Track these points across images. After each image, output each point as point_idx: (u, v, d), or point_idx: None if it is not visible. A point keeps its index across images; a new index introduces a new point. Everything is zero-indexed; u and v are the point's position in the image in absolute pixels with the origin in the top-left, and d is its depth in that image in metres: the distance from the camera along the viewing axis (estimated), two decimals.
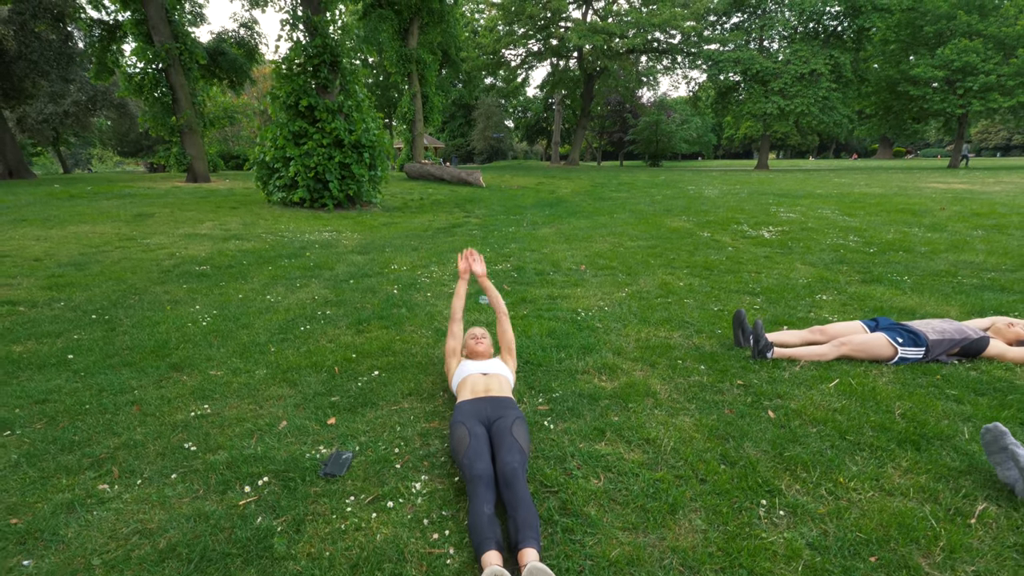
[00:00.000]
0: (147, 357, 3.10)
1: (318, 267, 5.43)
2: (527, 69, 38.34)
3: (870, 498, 1.82)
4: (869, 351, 2.87)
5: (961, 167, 27.22)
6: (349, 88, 10.39)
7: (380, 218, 9.35)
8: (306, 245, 6.61)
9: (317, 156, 9.74)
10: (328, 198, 9.99)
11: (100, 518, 1.76)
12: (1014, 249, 5.76)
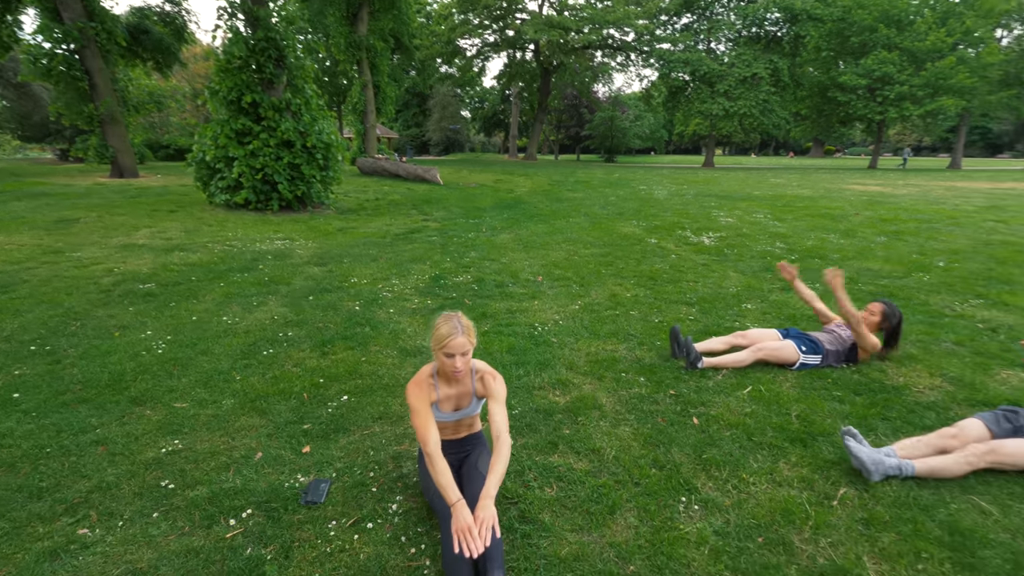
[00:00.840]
0: (103, 392, 3.05)
1: (274, 282, 5.43)
2: (483, 59, 38.29)
3: (764, 490, 2.21)
4: (779, 356, 3.34)
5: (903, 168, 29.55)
6: (297, 84, 10.18)
7: (334, 222, 9.31)
8: (258, 256, 6.56)
9: (264, 156, 9.52)
10: (276, 200, 9.82)
11: (87, 563, 1.83)
12: (906, 256, 6.52)
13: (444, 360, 1.96)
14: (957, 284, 5.35)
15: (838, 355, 3.40)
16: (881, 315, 3.45)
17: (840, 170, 28.54)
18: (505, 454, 1.88)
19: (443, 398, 2.08)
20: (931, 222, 9.14)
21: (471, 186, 15.73)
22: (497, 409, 2.01)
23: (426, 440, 1.90)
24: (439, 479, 1.82)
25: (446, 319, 1.98)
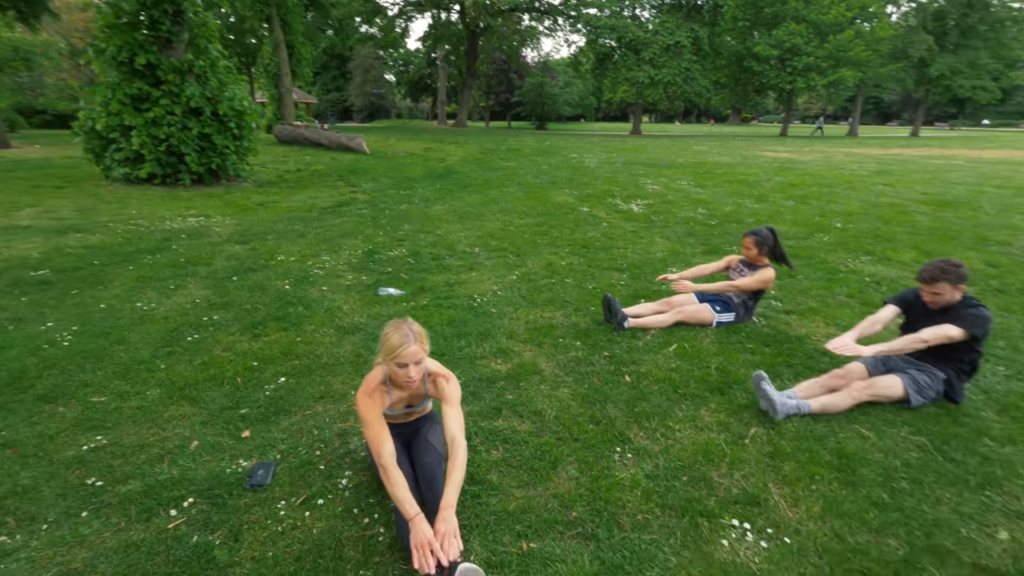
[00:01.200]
0: (3, 391, 2.80)
1: (191, 263, 5.09)
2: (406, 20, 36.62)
3: (688, 435, 2.46)
4: (697, 318, 3.64)
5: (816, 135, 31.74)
6: (199, 44, 9.30)
7: (253, 195, 8.78)
8: (170, 235, 6.10)
9: (169, 126, 8.71)
10: (185, 173, 9.08)
11: (12, 570, 1.73)
12: (810, 219, 7.17)
13: (397, 371, 1.87)
14: (850, 243, 5.98)
15: (746, 304, 3.71)
16: (756, 246, 3.63)
17: (755, 137, 30.32)
18: (462, 461, 1.83)
19: (396, 400, 2.05)
20: (831, 186, 10.02)
21: (400, 155, 15.27)
22: (451, 412, 1.95)
23: (380, 452, 1.82)
24: (394, 492, 1.75)
25: (396, 327, 1.88)
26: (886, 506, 2.05)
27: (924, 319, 2.75)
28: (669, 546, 1.85)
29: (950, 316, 2.65)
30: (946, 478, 2.22)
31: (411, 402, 2.13)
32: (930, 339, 2.59)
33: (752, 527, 1.94)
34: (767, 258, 3.68)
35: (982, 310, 2.64)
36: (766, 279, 3.59)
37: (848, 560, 1.80)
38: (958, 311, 2.66)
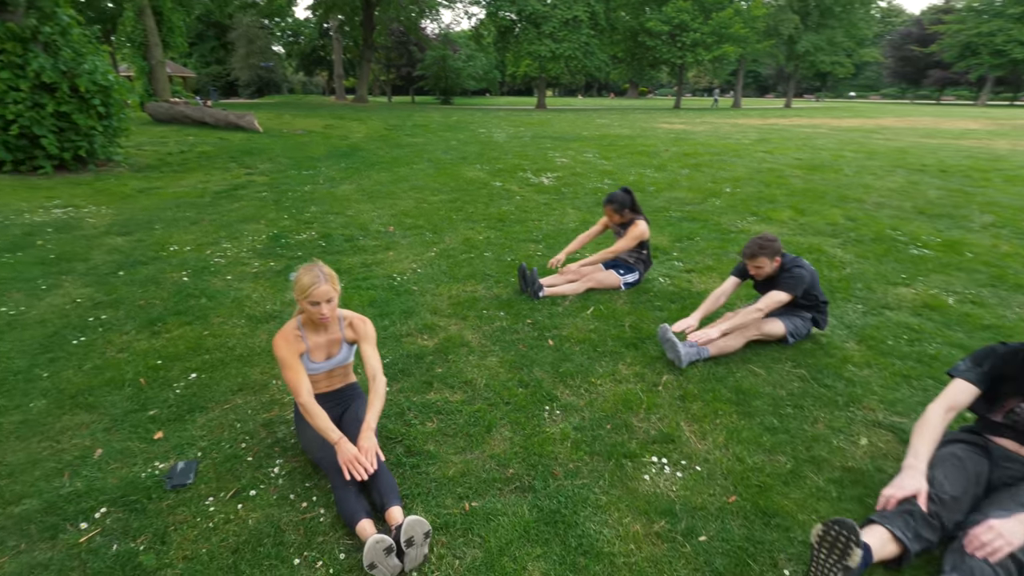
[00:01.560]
0: None
1: (64, 259, 4.52)
2: None
3: (608, 388, 2.66)
4: (606, 283, 3.88)
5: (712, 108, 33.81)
6: (43, 7, 8.03)
7: (131, 181, 7.87)
8: (32, 230, 5.34)
9: (15, 104, 7.51)
10: (44, 159, 7.92)
11: None
12: (703, 185, 7.80)
13: (310, 309, 1.98)
14: (739, 206, 6.59)
15: (641, 258, 3.96)
16: (616, 212, 3.82)
17: (652, 110, 31.91)
18: (381, 391, 2.02)
19: (313, 347, 2.09)
20: (720, 155, 10.88)
21: (298, 133, 14.32)
22: (369, 350, 2.12)
23: (299, 391, 1.94)
24: (317, 423, 1.89)
25: (307, 269, 2.00)
26: (776, 429, 2.38)
27: (762, 285, 3.11)
28: (599, 487, 2.02)
29: (776, 283, 2.99)
30: (821, 401, 2.60)
31: (330, 351, 2.14)
32: (764, 308, 2.92)
33: (669, 461, 2.16)
34: (632, 214, 3.87)
35: (796, 271, 2.97)
36: (638, 234, 3.80)
37: (748, 478, 2.08)
38: (780, 278, 3.00)
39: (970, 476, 1.82)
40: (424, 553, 1.66)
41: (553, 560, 1.71)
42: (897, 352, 3.08)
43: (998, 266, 4.50)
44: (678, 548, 1.76)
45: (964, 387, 1.93)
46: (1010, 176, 8.53)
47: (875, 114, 28.45)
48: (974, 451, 1.92)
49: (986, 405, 1.97)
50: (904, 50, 52.94)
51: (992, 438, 1.95)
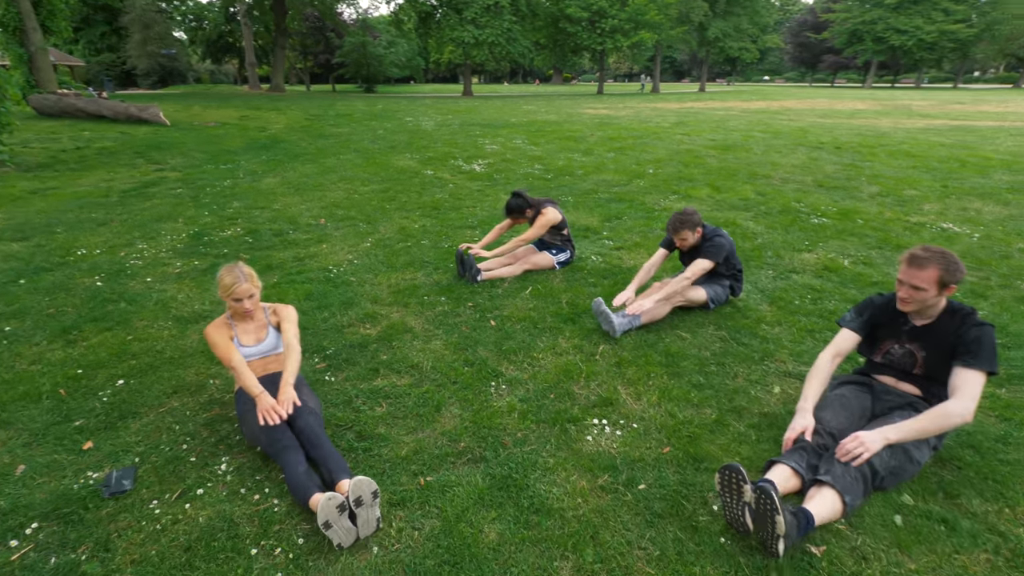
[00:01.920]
0: None
1: None
2: None
3: (551, 361, 2.81)
4: (540, 264, 4.04)
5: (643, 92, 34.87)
6: None
7: (20, 182, 7.12)
8: None
9: None
10: None
11: None
12: (628, 167, 8.16)
13: (234, 305, 2.21)
14: (661, 185, 6.96)
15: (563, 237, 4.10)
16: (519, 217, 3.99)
17: (576, 96, 32.57)
18: (296, 354, 2.23)
19: (241, 332, 2.30)
20: (642, 138, 11.37)
21: (210, 125, 13.42)
22: (288, 327, 2.33)
23: (230, 358, 2.15)
24: (244, 381, 2.09)
25: (228, 270, 2.21)
26: (702, 386, 2.62)
27: (687, 255, 3.38)
28: (546, 451, 2.16)
29: (700, 252, 3.26)
30: (739, 358, 2.88)
31: (258, 336, 2.32)
32: (691, 276, 3.17)
33: (609, 422, 2.34)
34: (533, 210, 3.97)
35: (716, 240, 3.25)
36: (546, 222, 3.89)
37: (679, 430, 2.29)
38: (703, 247, 3.27)
39: (854, 411, 2.13)
40: (376, 516, 1.73)
41: (508, 520, 1.82)
42: (803, 310, 3.44)
43: (883, 230, 5.09)
44: (621, 497, 1.93)
45: (847, 335, 2.25)
46: (892, 151, 9.54)
47: (779, 96, 30.62)
48: (859, 389, 2.24)
49: (869, 349, 2.30)
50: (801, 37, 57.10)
51: (875, 376, 2.28)
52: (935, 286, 1.96)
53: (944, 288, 1.97)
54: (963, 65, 47.18)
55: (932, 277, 1.95)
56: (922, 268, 1.95)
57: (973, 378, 1.92)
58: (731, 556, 1.69)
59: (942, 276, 1.94)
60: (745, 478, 1.69)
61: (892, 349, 2.20)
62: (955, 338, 1.99)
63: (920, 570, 1.65)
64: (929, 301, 2.00)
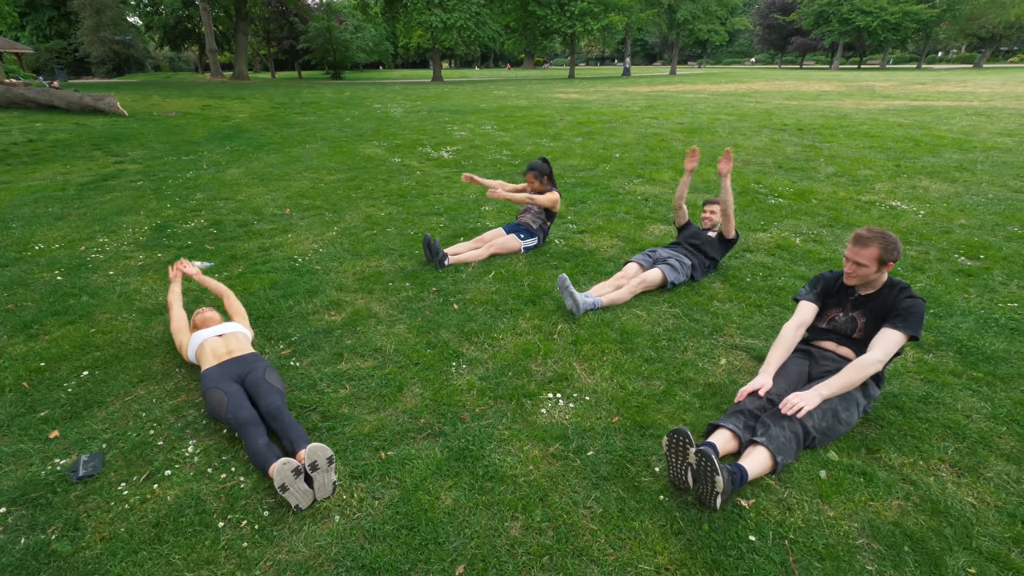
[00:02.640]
0: None
1: None
2: None
3: (510, 341, 2.93)
4: (507, 247, 4.14)
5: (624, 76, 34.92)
6: None
7: None
8: None
9: None
10: None
11: None
12: (595, 152, 8.28)
13: None
14: (627, 170, 7.10)
15: (543, 225, 4.30)
16: (536, 178, 4.20)
17: (548, 80, 32.48)
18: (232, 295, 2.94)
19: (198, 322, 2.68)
20: (611, 122, 11.48)
21: (171, 115, 13.04)
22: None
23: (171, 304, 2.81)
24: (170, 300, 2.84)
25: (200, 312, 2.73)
26: (653, 360, 2.77)
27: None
28: (503, 424, 2.28)
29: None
30: (690, 333, 3.04)
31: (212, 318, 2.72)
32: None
33: (563, 395, 2.47)
34: (549, 184, 4.26)
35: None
36: (555, 199, 4.16)
37: (628, 401, 2.44)
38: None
39: (792, 376, 2.32)
40: (332, 480, 1.84)
41: (464, 488, 1.94)
42: (753, 287, 3.63)
43: (836, 209, 5.32)
44: (570, 463, 2.07)
45: (808, 307, 2.49)
46: (851, 132, 9.86)
47: (748, 79, 31.04)
48: (798, 356, 2.44)
49: (816, 317, 2.49)
50: (769, 19, 57.76)
51: (816, 342, 2.47)
52: (875, 263, 2.23)
53: (883, 265, 2.24)
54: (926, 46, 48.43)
55: (873, 255, 2.21)
56: (865, 247, 2.21)
57: (893, 336, 2.16)
58: (668, 511, 1.84)
59: (882, 254, 2.21)
60: (691, 441, 1.84)
61: (837, 316, 2.43)
62: (891, 306, 2.25)
63: (838, 517, 1.83)
64: (871, 276, 2.27)
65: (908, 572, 1.63)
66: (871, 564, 1.66)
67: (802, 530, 1.77)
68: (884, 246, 2.20)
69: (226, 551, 1.69)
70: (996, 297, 3.40)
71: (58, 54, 38.04)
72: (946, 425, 2.26)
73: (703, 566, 1.65)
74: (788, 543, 1.72)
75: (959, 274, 3.76)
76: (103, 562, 1.65)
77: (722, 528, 1.77)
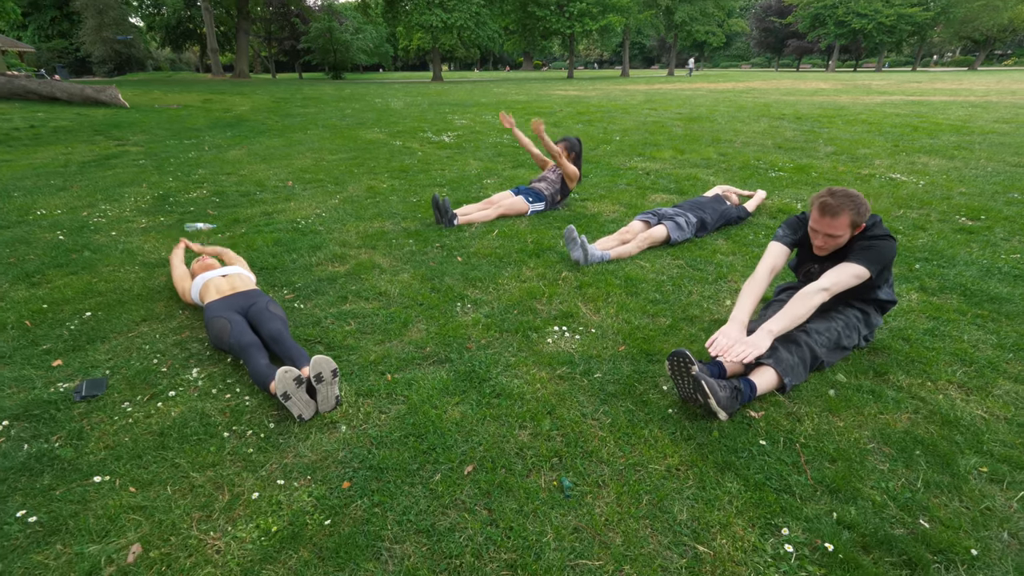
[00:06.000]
0: None
1: None
2: None
3: (515, 286, 2.92)
4: (514, 209, 4.13)
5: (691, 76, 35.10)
6: None
7: None
8: None
9: None
10: None
11: None
12: (596, 136, 8.29)
13: None
14: (627, 150, 7.11)
15: (554, 195, 4.33)
16: (566, 150, 4.30)
17: (548, 80, 32.60)
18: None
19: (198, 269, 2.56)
20: (610, 112, 11.51)
21: (172, 107, 13.05)
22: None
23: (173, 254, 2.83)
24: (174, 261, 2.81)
25: None
26: (658, 301, 2.76)
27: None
28: (508, 351, 2.27)
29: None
30: (695, 280, 3.03)
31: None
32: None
33: (568, 328, 2.46)
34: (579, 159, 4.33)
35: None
36: (575, 172, 4.23)
37: (635, 333, 2.43)
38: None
39: None
40: (336, 394, 1.83)
41: (471, 403, 1.93)
42: (756, 243, 3.62)
43: (836, 180, 5.33)
44: (577, 383, 2.06)
45: (779, 249, 2.28)
46: (849, 120, 9.90)
47: (746, 79, 31.20)
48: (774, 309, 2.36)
49: (795, 269, 2.45)
50: (766, 22, 58.03)
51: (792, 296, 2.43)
52: (848, 229, 2.04)
53: (855, 228, 2.06)
54: (921, 48, 48.71)
55: (845, 222, 2.01)
56: (836, 216, 2.00)
57: (845, 268, 2.03)
58: (677, 421, 1.83)
59: (854, 218, 2.01)
60: (691, 360, 1.81)
61: (812, 269, 2.29)
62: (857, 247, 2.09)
63: (848, 427, 1.82)
64: (843, 243, 2.09)
65: (920, 471, 1.62)
66: (883, 464, 1.65)
67: (812, 436, 1.76)
68: (855, 209, 2.00)
69: (231, 456, 1.68)
70: (998, 250, 3.40)
71: (59, 53, 38.13)
72: (953, 353, 2.25)
73: (714, 466, 1.63)
74: (799, 446, 1.71)
75: (961, 232, 3.76)
76: (107, 464, 1.64)
77: (732, 435, 1.76)
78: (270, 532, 1.40)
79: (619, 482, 1.57)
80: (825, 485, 1.57)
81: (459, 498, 1.51)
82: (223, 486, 1.56)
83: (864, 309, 2.24)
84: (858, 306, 2.24)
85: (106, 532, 1.41)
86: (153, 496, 1.52)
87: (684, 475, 1.60)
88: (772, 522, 1.45)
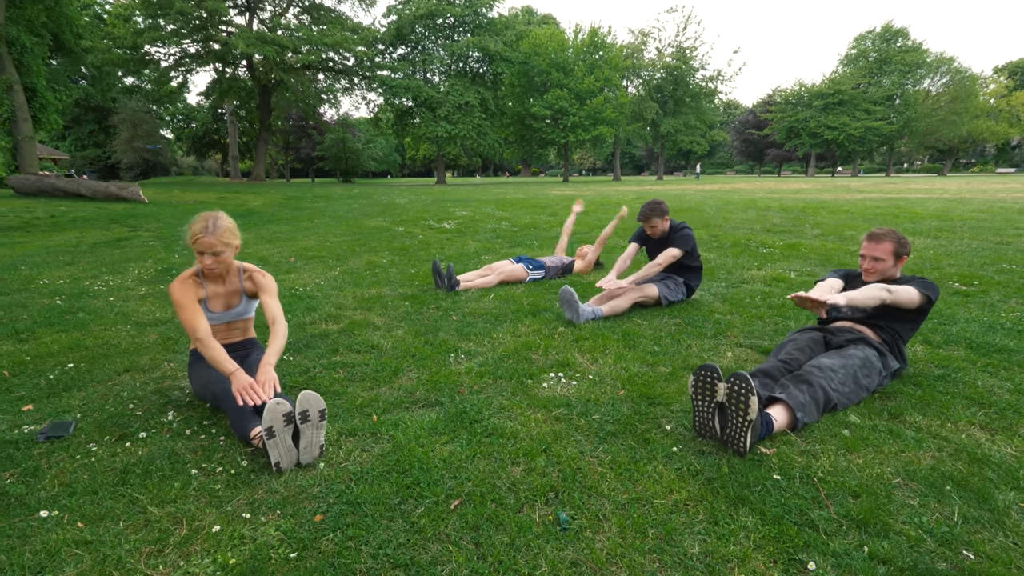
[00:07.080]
0: None
1: None
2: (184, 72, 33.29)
3: (510, 339, 2.86)
4: (514, 275, 4.19)
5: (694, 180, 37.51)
6: None
7: None
8: None
9: None
10: None
11: None
12: (591, 223, 8.62)
13: (198, 257, 2.00)
14: (620, 232, 7.35)
15: (557, 270, 4.41)
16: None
17: (544, 183, 34.68)
18: (282, 331, 1.99)
19: (211, 295, 2.09)
20: (604, 206, 12.09)
21: (189, 203, 13.72)
22: (269, 300, 2.10)
23: (195, 328, 1.89)
24: (213, 355, 1.83)
25: (203, 217, 2.02)
26: (657, 352, 2.69)
27: (656, 247, 3.64)
28: (502, 396, 2.16)
29: (669, 241, 3.55)
30: (693, 335, 2.98)
31: (229, 303, 2.13)
32: (663, 262, 3.45)
33: (565, 375, 2.37)
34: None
35: (686, 231, 3.58)
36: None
37: (634, 379, 2.33)
38: (672, 236, 3.57)
39: (804, 347, 2.27)
40: (320, 442, 1.67)
41: (461, 442, 1.80)
42: (753, 305, 3.61)
43: (825, 254, 5.45)
44: (574, 423, 1.94)
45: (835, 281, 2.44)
46: (833, 210, 10.35)
47: (731, 182, 33.17)
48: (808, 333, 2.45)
49: None
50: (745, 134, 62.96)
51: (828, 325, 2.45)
52: (891, 256, 2.33)
53: (899, 259, 2.35)
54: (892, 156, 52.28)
55: (889, 249, 2.32)
56: (879, 242, 2.33)
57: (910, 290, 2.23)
58: (683, 458, 1.70)
59: (896, 248, 2.33)
60: (720, 376, 1.75)
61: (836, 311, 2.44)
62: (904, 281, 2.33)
63: (867, 464, 1.68)
64: (888, 271, 2.35)
65: (954, 506, 1.47)
66: (912, 499, 1.50)
67: (831, 472, 1.62)
68: (898, 240, 2.32)
69: (196, 492, 1.53)
70: (997, 310, 3.38)
71: (91, 160, 40.80)
72: (968, 397, 2.15)
73: (725, 500, 1.48)
74: (817, 480, 1.57)
75: (956, 295, 3.77)
76: (58, 499, 1.49)
77: (743, 471, 1.62)
78: (227, 566, 1.23)
79: (622, 516, 1.42)
80: (851, 519, 1.41)
81: (443, 531, 1.35)
82: (182, 520, 1.40)
83: (880, 350, 2.24)
84: (875, 344, 2.25)
85: (41, 568, 1.24)
86: (102, 531, 1.36)
87: (693, 510, 1.45)
88: (796, 557, 1.29)
